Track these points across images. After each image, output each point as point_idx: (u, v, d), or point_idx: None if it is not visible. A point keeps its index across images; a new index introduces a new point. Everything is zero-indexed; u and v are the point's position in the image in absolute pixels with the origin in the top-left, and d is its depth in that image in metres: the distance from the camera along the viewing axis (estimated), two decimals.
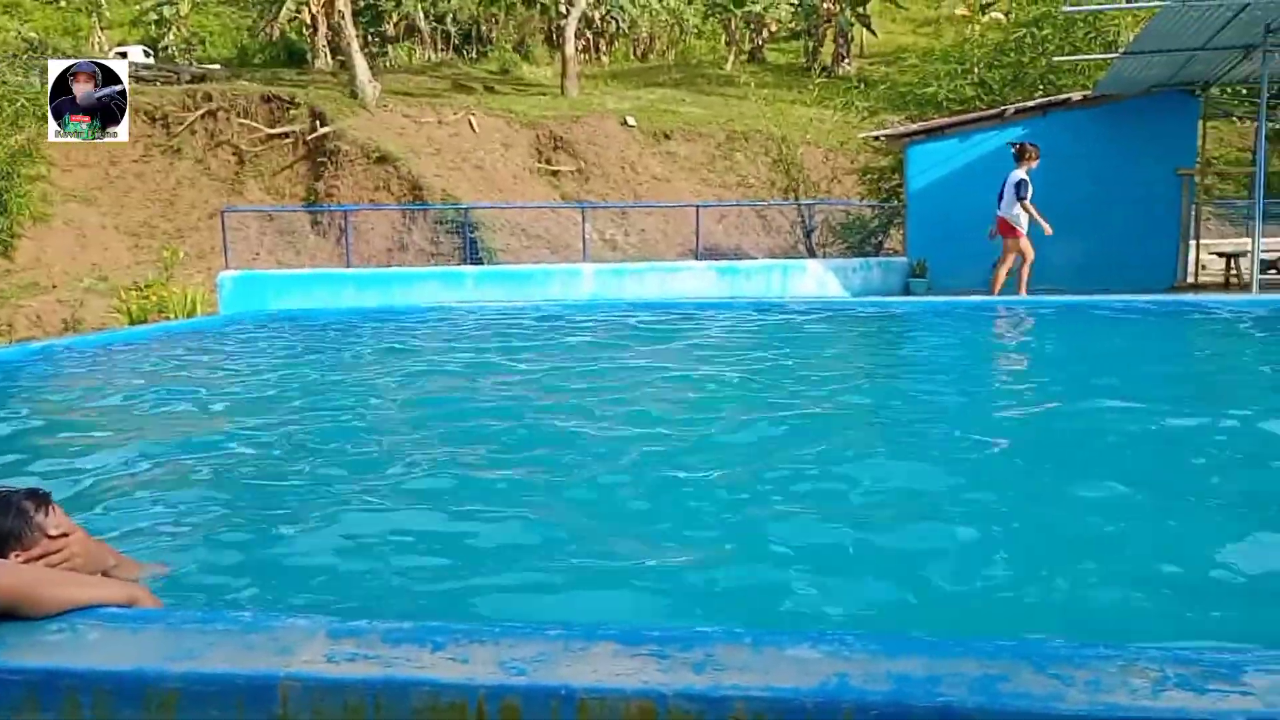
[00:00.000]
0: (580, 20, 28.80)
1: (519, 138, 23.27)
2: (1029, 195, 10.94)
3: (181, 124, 22.83)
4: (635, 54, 34.19)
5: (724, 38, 33.25)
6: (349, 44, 24.21)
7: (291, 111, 22.71)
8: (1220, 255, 13.76)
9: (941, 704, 1.29)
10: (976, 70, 17.91)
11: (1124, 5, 17.74)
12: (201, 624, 1.58)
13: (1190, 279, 13.62)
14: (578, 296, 13.65)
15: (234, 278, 12.96)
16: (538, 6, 30.34)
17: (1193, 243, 13.82)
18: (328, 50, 28.36)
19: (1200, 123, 13.89)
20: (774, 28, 33.98)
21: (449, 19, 32.23)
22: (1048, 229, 11.00)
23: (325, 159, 21.82)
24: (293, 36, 30.64)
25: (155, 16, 31.22)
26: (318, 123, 22.28)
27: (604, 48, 33.89)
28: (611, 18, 32.15)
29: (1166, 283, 13.28)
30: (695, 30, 33.54)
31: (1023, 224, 11.03)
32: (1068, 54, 16.11)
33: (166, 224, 21.33)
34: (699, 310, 10.92)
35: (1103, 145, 13.48)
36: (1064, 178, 13.42)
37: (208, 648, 1.47)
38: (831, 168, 21.31)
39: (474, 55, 32.60)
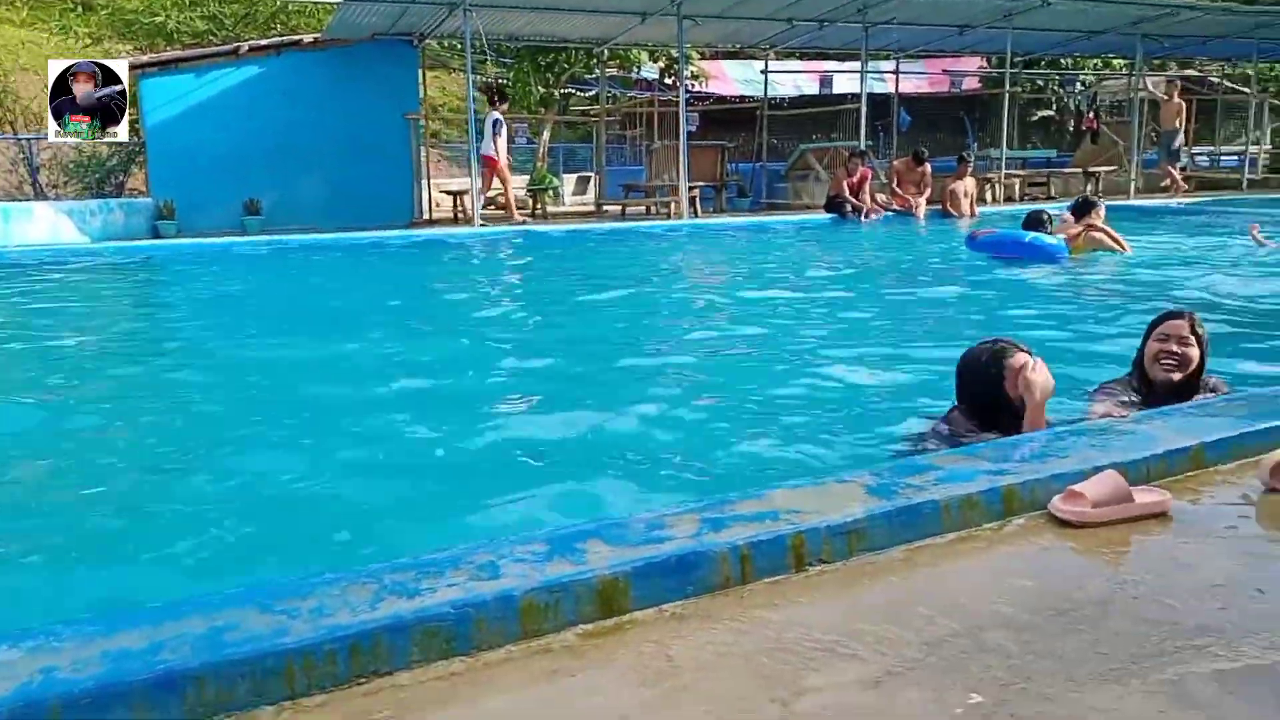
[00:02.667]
0: None
1: None
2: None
3: None
4: None
5: None
6: None
7: None
8: (449, 193, 15.39)
9: (163, 670, 1.28)
10: (209, 3, 17.36)
11: None
12: None
13: (426, 215, 15.05)
14: None
15: None
16: None
17: (425, 182, 15.26)
18: None
19: (421, 71, 15.25)
20: None
21: None
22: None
23: None
24: None
25: None
26: None
27: None
28: None
29: (406, 218, 14.52)
30: None
31: (501, 156, 13.42)
32: None
33: None
34: None
35: (340, 87, 14.09)
36: (306, 118, 13.85)
37: None
38: None
39: None
